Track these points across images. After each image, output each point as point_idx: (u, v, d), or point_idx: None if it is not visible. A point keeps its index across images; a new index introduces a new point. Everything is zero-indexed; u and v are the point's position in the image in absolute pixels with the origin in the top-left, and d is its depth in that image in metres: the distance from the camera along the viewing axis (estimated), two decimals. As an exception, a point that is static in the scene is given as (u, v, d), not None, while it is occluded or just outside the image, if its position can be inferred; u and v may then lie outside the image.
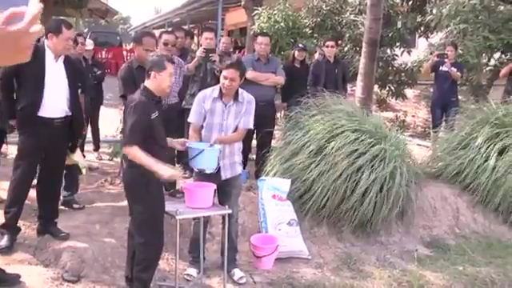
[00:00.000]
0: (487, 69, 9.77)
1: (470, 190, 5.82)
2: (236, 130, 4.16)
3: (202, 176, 4.11)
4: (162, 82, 3.56)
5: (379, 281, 4.42)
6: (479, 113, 6.44)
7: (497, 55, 9.73)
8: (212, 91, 4.17)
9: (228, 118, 4.10)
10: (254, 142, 6.27)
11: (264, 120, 5.69)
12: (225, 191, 4.17)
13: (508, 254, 5.07)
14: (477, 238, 5.43)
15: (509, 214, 5.53)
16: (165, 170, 3.43)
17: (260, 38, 6.29)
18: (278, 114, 7.08)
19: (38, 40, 4.04)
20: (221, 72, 4.21)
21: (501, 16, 8.71)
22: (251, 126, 4.26)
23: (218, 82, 5.06)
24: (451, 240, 5.38)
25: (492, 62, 9.86)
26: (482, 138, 5.91)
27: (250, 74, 6.02)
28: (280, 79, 6.35)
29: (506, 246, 5.26)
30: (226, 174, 4.14)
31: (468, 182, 5.82)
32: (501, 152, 5.75)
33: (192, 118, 4.15)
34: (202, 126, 4.12)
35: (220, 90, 4.11)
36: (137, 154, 3.42)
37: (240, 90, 4.17)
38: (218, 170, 4.07)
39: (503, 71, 7.71)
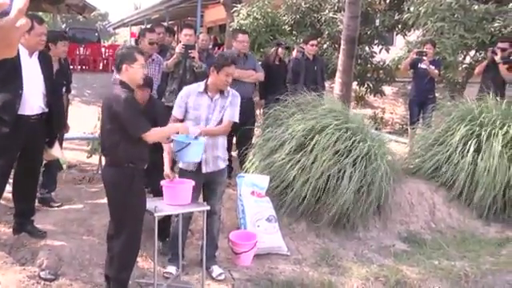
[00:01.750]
0: (463, 66, 9.92)
1: (446, 186, 5.92)
2: (220, 123, 4.17)
3: (185, 173, 4.12)
4: (134, 74, 3.54)
5: (357, 276, 4.47)
6: (455, 110, 6.54)
7: (472, 53, 9.89)
8: (197, 86, 4.20)
9: (214, 112, 4.12)
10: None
11: (245, 117, 5.72)
12: (210, 188, 4.19)
13: (481, 247, 5.18)
14: (452, 232, 5.53)
15: (483, 209, 5.63)
16: (181, 128, 3.67)
17: (241, 36, 6.31)
18: (257, 112, 7.11)
19: None
20: (212, 68, 4.17)
21: (475, 15, 8.86)
22: (237, 119, 4.28)
23: (196, 78, 5.07)
24: (427, 235, 5.47)
25: (467, 59, 10.02)
26: (458, 135, 6.01)
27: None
28: (261, 76, 6.44)
29: (480, 240, 5.37)
30: (207, 168, 4.14)
31: (444, 179, 5.92)
32: (476, 149, 5.86)
33: (175, 112, 4.20)
34: (182, 120, 4.13)
35: (206, 84, 4.13)
36: (156, 134, 3.52)
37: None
38: (200, 164, 4.08)
39: (478, 69, 7.85)
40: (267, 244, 4.62)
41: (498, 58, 7.23)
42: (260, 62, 7.09)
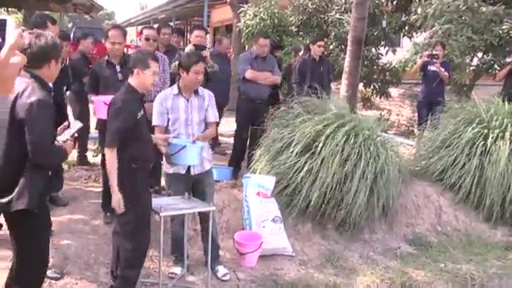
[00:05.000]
0: (470, 68, 9.87)
1: (452, 189, 5.89)
2: (201, 123, 4.16)
3: (174, 177, 4.13)
4: (145, 80, 3.55)
5: (362, 278, 4.46)
6: (463, 112, 6.50)
7: (479, 55, 9.84)
8: (171, 90, 4.19)
9: (192, 113, 4.11)
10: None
11: (260, 118, 5.82)
12: (199, 191, 4.17)
13: (487, 251, 5.17)
14: (458, 235, 5.50)
15: (490, 213, 5.60)
16: (115, 196, 3.42)
17: (262, 40, 6.31)
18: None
19: None
20: (180, 69, 4.14)
21: (483, 17, 8.81)
22: (218, 119, 4.29)
23: (208, 79, 5.03)
24: (433, 238, 5.44)
25: (475, 61, 9.97)
26: (465, 138, 5.98)
27: (249, 74, 6.07)
28: (277, 79, 6.50)
29: (486, 244, 5.35)
30: (195, 170, 4.14)
31: (451, 181, 5.89)
32: (484, 152, 5.82)
33: (157, 121, 4.12)
34: (166, 128, 4.12)
35: (178, 87, 4.11)
36: (112, 160, 3.44)
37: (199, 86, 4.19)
38: (188, 168, 4.08)
39: (501, 73, 7.84)
40: (272, 245, 4.61)
41: None
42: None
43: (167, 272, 4.16)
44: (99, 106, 4.49)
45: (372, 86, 11.46)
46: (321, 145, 5.16)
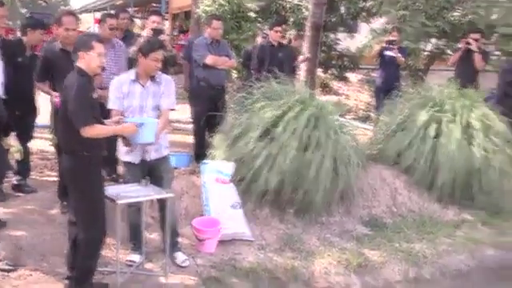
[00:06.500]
0: (425, 54, 10.11)
1: (407, 171, 6.05)
2: (155, 110, 4.11)
3: (130, 165, 4.11)
4: (90, 62, 3.50)
5: (319, 260, 4.56)
6: (417, 96, 6.66)
7: (433, 41, 10.09)
8: (128, 75, 4.14)
9: (147, 99, 4.07)
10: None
11: (220, 104, 5.87)
12: (156, 177, 4.12)
13: (438, 229, 5.38)
14: (412, 216, 5.66)
15: (441, 193, 5.79)
16: (127, 128, 3.69)
17: (215, 23, 6.23)
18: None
19: None
20: (139, 54, 4.10)
21: (436, 3, 9.02)
22: (174, 106, 4.25)
23: (166, 62, 4.96)
24: (389, 219, 5.59)
25: (429, 47, 10.21)
26: (419, 122, 6.14)
27: (210, 59, 5.99)
28: (234, 63, 6.49)
29: (437, 223, 5.55)
30: (150, 156, 4.10)
31: (406, 164, 6.05)
32: (437, 135, 5.99)
33: (113, 105, 4.06)
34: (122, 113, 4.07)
35: (136, 72, 4.08)
36: (98, 130, 3.44)
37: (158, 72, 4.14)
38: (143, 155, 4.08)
39: (452, 58, 8.02)
40: (231, 230, 4.64)
41: (474, 48, 7.39)
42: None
43: (125, 260, 4.13)
44: None
45: (330, 72, 11.60)
46: (280, 130, 5.20)
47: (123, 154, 4.12)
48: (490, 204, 5.81)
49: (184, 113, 7.78)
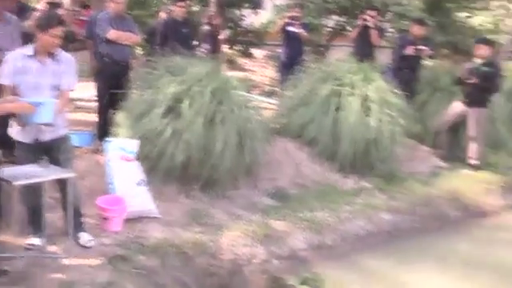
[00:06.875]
0: (326, 30, 10.43)
1: (310, 144, 6.28)
2: (54, 89, 3.93)
3: (22, 145, 3.92)
4: None
5: (227, 233, 4.64)
6: (319, 71, 6.89)
7: (334, 17, 10.42)
8: (25, 50, 3.90)
9: (45, 77, 3.87)
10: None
11: (124, 80, 5.73)
12: (54, 157, 3.94)
13: (339, 198, 5.65)
14: (315, 186, 5.90)
15: (342, 164, 6.09)
16: (23, 107, 3.59)
17: None
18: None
19: None
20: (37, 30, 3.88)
21: (336, -19, 9.33)
22: (75, 87, 4.08)
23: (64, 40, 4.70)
24: (293, 190, 5.78)
25: (330, 23, 10.54)
26: (321, 95, 6.37)
27: (112, 34, 5.76)
28: (139, 39, 6.34)
29: (339, 192, 5.83)
30: (45, 136, 3.92)
31: (309, 137, 6.28)
32: (338, 108, 6.26)
33: (6, 80, 3.82)
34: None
35: (34, 48, 3.88)
36: None
37: (58, 49, 3.96)
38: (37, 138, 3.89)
39: (352, 34, 8.33)
40: (137, 208, 4.59)
41: (370, 24, 7.74)
42: None
43: (25, 244, 3.96)
44: None
45: (236, 48, 11.64)
46: (185, 106, 5.17)
47: (15, 133, 3.90)
48: (386, 171, 6.21)
49: (87, 90, 7.48)
